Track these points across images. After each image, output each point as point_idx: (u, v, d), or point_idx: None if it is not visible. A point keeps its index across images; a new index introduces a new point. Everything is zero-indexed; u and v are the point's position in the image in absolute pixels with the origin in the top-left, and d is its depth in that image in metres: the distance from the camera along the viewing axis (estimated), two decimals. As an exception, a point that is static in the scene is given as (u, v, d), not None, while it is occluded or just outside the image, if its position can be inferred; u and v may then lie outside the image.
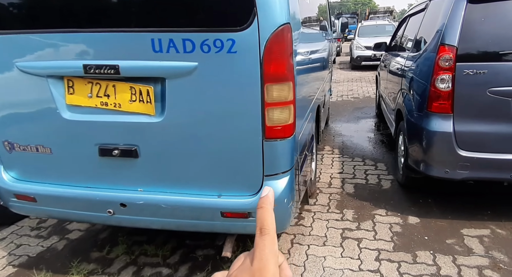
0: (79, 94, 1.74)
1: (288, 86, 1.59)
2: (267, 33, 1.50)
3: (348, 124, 5.39)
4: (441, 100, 2.42)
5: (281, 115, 1.61)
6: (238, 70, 1.57)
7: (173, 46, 1.56)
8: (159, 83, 1.64)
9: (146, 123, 1.70)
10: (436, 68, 2.40)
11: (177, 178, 1.80)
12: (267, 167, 1.69)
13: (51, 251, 2.51)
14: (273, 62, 1.54)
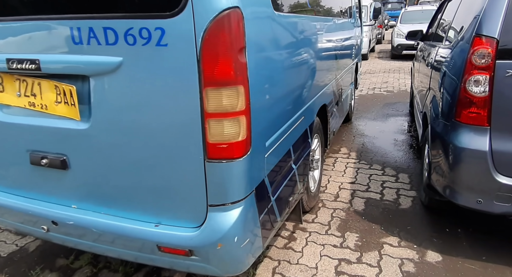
0: (8, 92, 1.49)
1: (236, 91, 1.20)
2: (205, 21, 1.10)
3: (374, 123, 4.78)
4: (474, 109, 1.86)
5: (226, 130, 1.22)
6: (170, 68, 1.20)
7: (94, 37, 1.23)
8: (83, 82, 1.33)
9: (72, 130, 1.40)
10: (469, 66, 1.84)
11: (110, 197, 1.49)
12: (211, 195, 1.32)
13: (22, 252, 2.38)
14: (214, 59, 1.15)
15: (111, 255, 1.65)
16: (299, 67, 1.83)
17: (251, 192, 1.39)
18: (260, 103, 1.37)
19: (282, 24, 1.53)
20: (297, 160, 2.02)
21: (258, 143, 1.39)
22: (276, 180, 1.69)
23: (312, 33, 2.07)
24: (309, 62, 2.02)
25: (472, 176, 1.91)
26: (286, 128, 1.73)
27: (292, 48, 1.69)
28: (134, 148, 1.35)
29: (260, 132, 1.40)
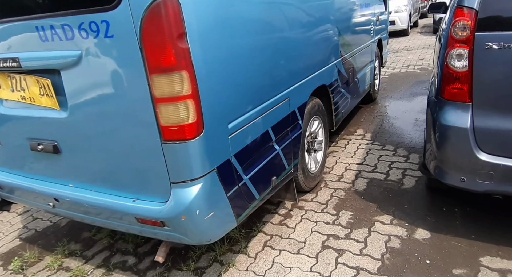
0: (4, 88, 1.72)
1: (179, 76, 1.27)
2: (140, 11, 1.19)
3: (399, 102, 4.54)
4: (455, 84, 1.74)
5: (174, 114, 1.31)
6: (120, 58, 1.31)
7: (56, 34, 1.37)
8: (56, 75, 1.49)
9: (56, 119, 1.59)
10: (450, 40, 1.71)
11: (96, 177, 1.67)
12: (172, 173, 1.43)
13: (54, 227, 2.73)
14: (152, 47, 1.23)
15: (106, 226, 1.85)
16: (272, 48, 1.82)
17: (212, 170, 1.48)
18: (214, 87, 1.42)
19: (241, 5, 1.54)
20: (281, 141, 2.05)
21: (215, 125, 1.45)
22: (249, 159, 1.74)
23: (294, 11, 2.02)
24: (289, 42, 1.99)
25: (455, 153, 1.80)
26: (259, 110, 1.76)
27: (257, 29, 1.69)
28: (104, 134, 1.51)
29: (217, 115, 1.46)
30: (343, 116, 3.24)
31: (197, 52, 1.31)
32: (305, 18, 2.20)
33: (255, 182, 1.80)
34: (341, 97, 3.09)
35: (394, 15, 9.60)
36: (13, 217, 2.89)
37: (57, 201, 1.80)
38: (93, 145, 1.58)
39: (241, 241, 2.20)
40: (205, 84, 1.36)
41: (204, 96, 1.36)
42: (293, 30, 2.05)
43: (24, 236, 2.64)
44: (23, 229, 2.73)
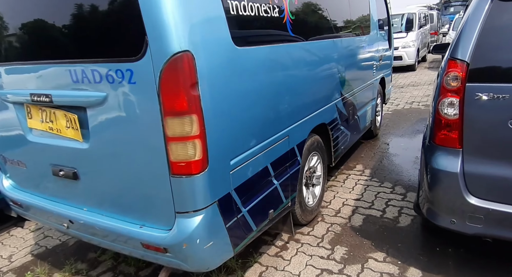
0: (35, 119, 1.93)
1: (190, 119, 1.46)
2: (160, 63, 1.40)
3: (400, 139, 4.67)
4: (447, 130, 1.89)
5: (183, 151, 1.49)
6: (140, 101, 1.51)
7: (86, 77, 1.59)
8: (81, 111, 1.70)
9: (78, 149, 1.78)
10: (442, 89, 1.88)
11: (109, 203, 1.84)
12: (177, 204, 1.59)
13: (63, 245, 2.86)
14: (168, 94, 1.43)
15: (111, 248, 1.98)
16: (273, 91, 2.01)
17: (213, 203, 1.63)
18: (219, 128, 1.60)
19: (246, 56, 1.75)
20: (279, 176, 2.20)
21: (218, 162, 1.62)
22: (248, 193, 1.89)
23: (296, 57, 2.24)
24: (290, 85, 2.18)
25: (446, 196, 1.92)
26: (259, 148, 1.93)
27: (261, 76, 1.89)
28: (120, 165, 1.69)
29: (220, 153, 1.63)
30: (342, 152, 3.39)
31: (206, 99, 1.50)
32: (306, 62, 2.41)
33: (253, 214, 1.94)
34: (341, 134, 3.25)
35: (401, 50, 9.90)
36: (26, 234, 3.04)
37: (71, 223, 1.96)
38: (108, 174, 1.75)
39: (237, 270, 2.29)
40: (211, 126, 1.54)
41: (210, 136, 1.54)
42: (294, 74, 2.25)
43: (36, 252, 2.77)
44: (35, 246, 2.87)
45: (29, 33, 1.80)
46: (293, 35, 2.17)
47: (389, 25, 4.95)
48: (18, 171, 2.22)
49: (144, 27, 1.36)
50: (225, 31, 1.59)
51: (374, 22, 4.05)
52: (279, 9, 2.01)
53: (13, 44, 1.89)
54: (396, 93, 7.48)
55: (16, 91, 1.92)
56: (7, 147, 2.19)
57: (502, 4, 1.78)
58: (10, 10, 1.83)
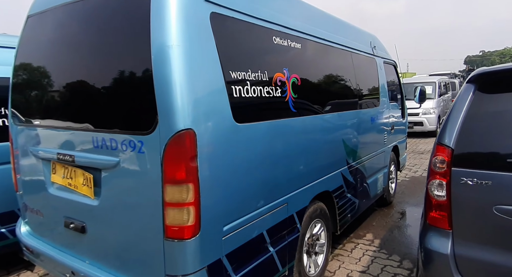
0: (58, 174, 2.18)
1: (186, 188, 1.62)
2: (166, 138, 1.61)
3: (415, 209, 4.57)
4: (437, 211, 1.92)
5: (177, 216, 1.63)
6: (145, 169, 1.70)
7: (105, 144, 1.83)
8: (97, 172, 1.92)
9: (89, 205, 1.97)
10: (431, 171, 1.96)
11: (109, 258, 1.96)
12: (168, 266, 1.68)
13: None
14: (170, 164, 1.62)
15: None
16: (271, 161, 2.15)
17: (202, 268, 1.71)
18: (214, 196, 1.74)
19: (246, 131, 1.93)
20: (276, 243, 2.25)
21: (210, 227, 1.73)
22: (241, 260, 1.95)
23: (295, 132, 2.39)
24: (288, 158, 2.32)
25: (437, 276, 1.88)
26: (254, 215, 2.03)
27: (259, 148, 2.05)
28: (122, 223, 1.85)
29: (214, 219, 1.75)
30: (350, 220, 3.37)
31: (203, 169, 1.67)
32: (307, 135, 2.56)
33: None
34: (347, 202, 3.28)
35: (422, 116, 10.03)
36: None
37: (73, 274, 2.08)
38: (111, 231, 1.90)
39: None
40: (206, 194, 1.69)
41: (204, 204, 1.68)
42: (294, 146, 2.40)
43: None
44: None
45: (65, 104, 2.13)
46: (294, 111, 2.38)
47: (402, 95, 5.16)
48: (35, 219, 2.42)
49: (157, 108, 1.61)
50: (227, 111, 1.82)
51: (384, 93, 4.26)
52: (282, 89, 2.25)
53: (51, 110, 2.22)
54: (415, 159, 7.42)
55: (47, 149, 2.20)
56: (30, 196, 2.44)
57: (483, 96, 1.92)
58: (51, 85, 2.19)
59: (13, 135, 2.48)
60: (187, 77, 1.62)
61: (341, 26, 3.46)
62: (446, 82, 12.44)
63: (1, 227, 3.00)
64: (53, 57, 2.21)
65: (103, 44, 1.93)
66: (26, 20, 2.40)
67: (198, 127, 1.65)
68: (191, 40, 1.66)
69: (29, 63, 2.39)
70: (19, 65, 2.41)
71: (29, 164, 2.37)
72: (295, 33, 2.48)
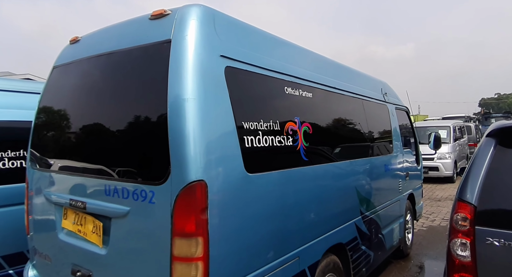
0: (69, 220, 2.17)
1: (195, 241, 1.58)
2: (177, 189, 1.61)
3: (434, 263, 4.31)
4: (461, 273, 1.81)
5: (185, 271, 1.58)
6: (155, 219, 1.69)
7: (116, 192, 1.84)
8: (107, 220, 1.91)
9: (96, 254, 1.93)
10: (453, 228, 1.87)
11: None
12: None
13: None
14: (180, 216, 1.60)
15: None
16: (283, 215, 2.11)
17: (208, 327, 1.61)
18: (223, 250, 1.69)
19: (257, 182, 1.92)
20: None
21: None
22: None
23: (306, 182, 2.37)
24: (300, 209, 2.27)
25: None
26: (265, 270, 1.95)
27: (271, 199, 2.02)
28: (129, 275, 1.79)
29: (224, 275, 1.68)
30: (365, 274, 3.19)
31: (214, 222, 1.64)
32: (319, 184, 2.53)
33: None
34: (362, 255, 3.12)
35: (437, 161, 9.81)
36: None
37: None
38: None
39: None
40: (215, 248, 1.64)
41: (213, 258, 1.62)
42: (306, 196, 2.36)
43: None
44: None
45: (81, 151, 2.19)
46: (306, 160, 2.37)
47: (416, 142, 5.11)
48: (43, 263, 2.38)
49: (170, 159, 1.63)
50: (239, 161, 1.83)
51: (397, 140, 4.23)
52: (293, 138, 2.27)
53: (68, 155, 2.28)
54: (432, 207, 7.15)
55: (60, 194, 2.22)
56: (40, 240, 2.42)
57: (505, 150, 1.88)
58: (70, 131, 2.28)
59: (29, 177, 2.53)
60: (201, 130, 1.66)
61: (351, 74, 3.56)
62: (461, 126, 12.32)
63: (9, 269, 2.96)
64: (74, 105, 2.32)
65: (122, 95, 2.02)
66: (51, 70, 2.56)
67: (210, 178, 1.65)
68: (206, 94, 1.72)
69: (51, 108, 2.50)
70: (42, 109, 2.53)
71: (42, 207, 2.39)
72: (306, 82, 2.55)
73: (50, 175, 2.34)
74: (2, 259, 2.92)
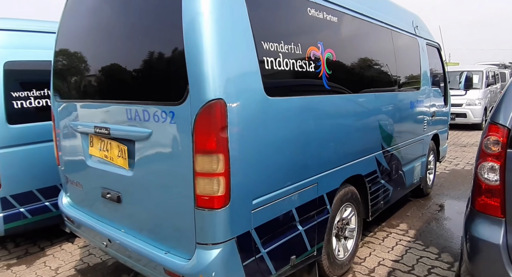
0: (95, 147, 2.26)
1: (216, 158, 1.61)
2: (196, 108, 1.61)
3: (455, 202, 4.30)
4: (487, 197, 1.77)
5: (208, 186, 1.63)
6: (177, 139, 1.72)
7: (138, 115, 1.87)
8: (131, 144, 1.97)
9: (124, 176, 2.03)
10: (482, 152, 1.81)
11: (143, 227, 2.02)
12: (198, 235, 1.70)
13: (103, 264, 3.09)
14: (201, 134, 1.62)
15: (142, 273, 2.11)
16: (302, 142, 2.09)
17: (231, 238, 1.71)
18: (244, 169, 1.72)
19: (277, 106, 1.89)
20: (305, 222, 2.20)
21: (240, 199, 1.72)
22: (269, 235, 1.93)
23: (328, 111, 2.31)
24: (320, 137, 2.25)
25: (486, 270, 1.74)
26: (284, 191, 1.99)
27: (291, 124, 1.99)
28: (155, 193, 1.89)
29: (243, 192, 1.74)
30: (382, 207, 3.25)
31: (233, 141, 1.65)
32: (341, 115, 2.47)
33: (273, 257, 1.95)
34: (381, 188, 3.15)
35: (466, 108, 9.41)
36: (74, 249, 3.35)
37: (109, 242, 2.17)
38: (145, 201, 1.96)
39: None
40: (236, 166, 1.67)
41: (234, 175, 1.67)
42: (327, 125, 2.32)
43: (79, 268, 3.02)
44: (79, 261, 3.14)
45: (101, 79, 2.20)
46: (328, 88, 2.30)
47: (445, 82, 4.84)
48: (75, 190, 2.55)
49: (188, 78, 1.61)
50: (258, 83, 1.78)
51: (426, 77, 4.02)
52: (316, 64, 2.18)
53: (88, 85, 2.31)
54: (457, 152, 6.99)
55: (85, 123, 2.29)
56: (70, 169, 2.56)
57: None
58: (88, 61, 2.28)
59: (55, 111, 2.61)
60: (219, 46, 1.60)
61: (381, 2, 3.28)
62: (495, 72, 11.53)
63: (45, 201, 3.22)
64: (91, 32, 2.28)
65: (137, 15, 1.95)
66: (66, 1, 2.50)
67: (229, 98, 1.63)
68: (223, 8, 1.63)
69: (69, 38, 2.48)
70: (60, 40, 2.52)
71: (69, 138, 2.49)
72: (331, 5, 2.38)
73: (73, 105, 2.40)
74: (38, 192, 3.17)
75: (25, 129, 3.07)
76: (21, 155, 3.04)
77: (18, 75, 3.08)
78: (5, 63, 2.97)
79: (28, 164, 3.08)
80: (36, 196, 3.16)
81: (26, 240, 3.54)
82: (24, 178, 3.06)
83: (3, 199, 2.96)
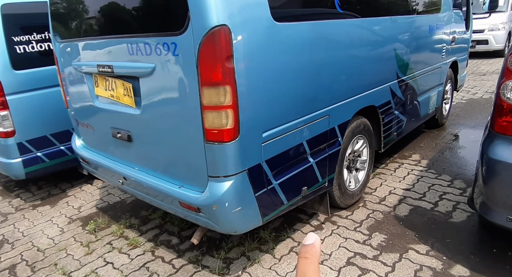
0: (100, 87, 2.21)
1: (223, 90, 1.54)
2: (199, 36, 1.49)
3: (471, 131, 4.23)
4: (508, 117, 1.69)
5: (216, 119, 1.59)
6: (181, 72, 1.63)
7: (139, 49, 1.77)
8: (135, 81, 1.90)
9: (131, 115, 2.00)
10: (506, 70, 1.68)
11: (155, 164, 2.05)
12: (210, 168, 1.71)
13: (122, 202, 3.26)
14: (206, 65, 1.53)
15: (160, 207, 2.21)
16: (312, 71, 1.98)
17: (243, 171, 1.72)
18: (253, 101, 1.66)
19: (286, 32, 1.75)
20: (316, 155, 2.20)
21: (249, 132, 1.69)
22: (280, 167, 1.94)
23: (340, 38, 2.14)
24: (332, 66, 2.11)
25: (503, 191, 1.74)
26: (294, 124, 1.95)
27: (300, 52, 1.86)
28: (164, 129, 1.87)
29: (252, 124, 1.70)
30: (395, 138, 3.21)
31: (240, 71, 1.56)
32: (353, 41, 2.30)
33: (285, 188, 1.99)
34: (394, 119, 3.07)
35: (488, 33, 8.77)
36: (94, 190, 3.52)
37: (125, 179, 2.24)
38: (155, 138, 1.95)
39: (269, 242, 2.39)
40: (244, 97, 1.61)
41: (242, 108, 1.61)
42: (338, 53, 2.17)
43: (99, 206, 3.21)
44: (99, 200, 3.31)
45: (100, 15, 2.04)
46: (341, 12, 2.10)
47: (468, 4, 4.42)
48: (87, 132, 2.57)
49: (188, 4, 1.46)
50: (264, 6, 1.62)
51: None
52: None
53: (84, 21, 2.16)
54: (476, 81, 6.70)
55: (88, 62, 2.20)
56: (79, 112, 2.55)
57: None
58: None
59: (57, 53, 2.51)
60: (218, -38, 1.42)
61: None
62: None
63: (60, 145, 3.29)
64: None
65: None
66: None
67: (233, 23, 1.50)
68: None
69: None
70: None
71: (74, 80, 2.43)
72: None
73: (75, 44, 2.28)
74: (52, 137, 3.22)
75: (32, 74, 3.02)
76: (31, 101, 3.04)
77: (17, 19, 2.95)
78: (2, 6, 2.82)
79: (39, 109, 3.09)
80: (51, 141, 3.23)
81: (47, 183, 3.72)
82: (36, 124, 3.10)
83: (19, 144, 3.03)
